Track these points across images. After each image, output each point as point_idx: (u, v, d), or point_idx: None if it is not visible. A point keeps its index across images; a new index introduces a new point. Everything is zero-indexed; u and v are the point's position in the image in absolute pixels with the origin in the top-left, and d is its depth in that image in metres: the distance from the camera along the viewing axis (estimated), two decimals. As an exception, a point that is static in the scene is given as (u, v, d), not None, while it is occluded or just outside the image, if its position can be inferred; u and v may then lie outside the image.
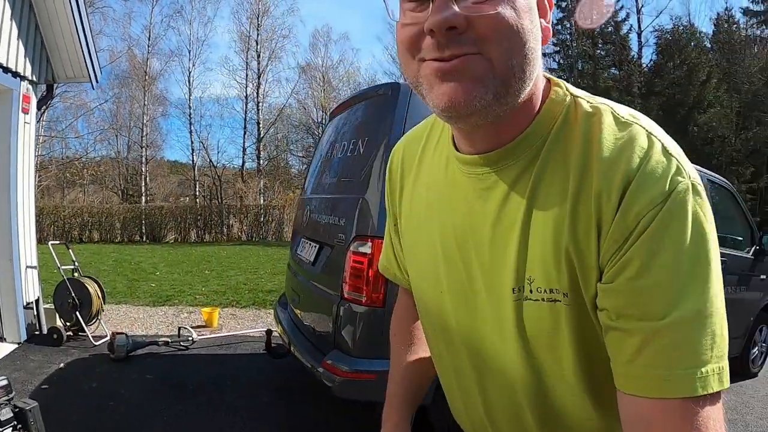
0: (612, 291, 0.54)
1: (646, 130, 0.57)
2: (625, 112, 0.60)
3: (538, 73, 0.60)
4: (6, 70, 4.21)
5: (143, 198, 23.42)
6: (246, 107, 26.00)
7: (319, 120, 26.19)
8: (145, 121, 24.39)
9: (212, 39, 37.67)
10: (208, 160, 25.34)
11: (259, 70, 25.86)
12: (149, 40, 24.32)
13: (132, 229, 17.65)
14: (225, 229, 18.36)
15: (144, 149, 24.32)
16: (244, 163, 26.27)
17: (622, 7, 23.80)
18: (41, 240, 7.26)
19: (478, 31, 0.54)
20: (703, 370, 0.50)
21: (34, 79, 4.67)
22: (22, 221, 4.58)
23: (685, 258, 0.51)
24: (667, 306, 0.50)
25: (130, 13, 26.03)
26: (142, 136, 24.39)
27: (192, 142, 25.43)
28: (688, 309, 0.50)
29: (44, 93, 5.25)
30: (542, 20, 0.60)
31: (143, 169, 24.22)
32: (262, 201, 21.54)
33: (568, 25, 24.28)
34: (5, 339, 4.39)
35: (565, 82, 0.65)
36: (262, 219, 18.70)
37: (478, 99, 0.55)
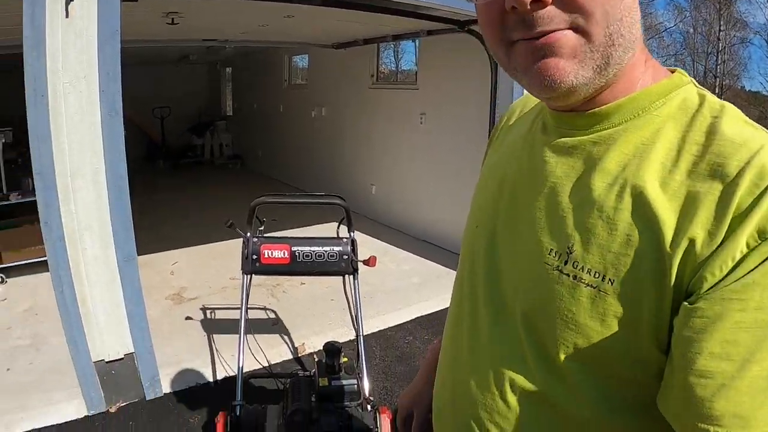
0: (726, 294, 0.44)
1: None
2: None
3: (639, 34, 0.54)
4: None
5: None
6: None
7: None
8: (720, 48, 20.14)
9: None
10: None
11: None
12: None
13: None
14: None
15: (718, 79, 19.98)
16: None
17: None
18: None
19: (566, 2, 0.49)
20: None
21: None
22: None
23: None
24: None
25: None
26: (717, 64, 20.42)
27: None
28: None
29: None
30: None
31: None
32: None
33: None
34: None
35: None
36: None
37: (577, 76, 0.51)
